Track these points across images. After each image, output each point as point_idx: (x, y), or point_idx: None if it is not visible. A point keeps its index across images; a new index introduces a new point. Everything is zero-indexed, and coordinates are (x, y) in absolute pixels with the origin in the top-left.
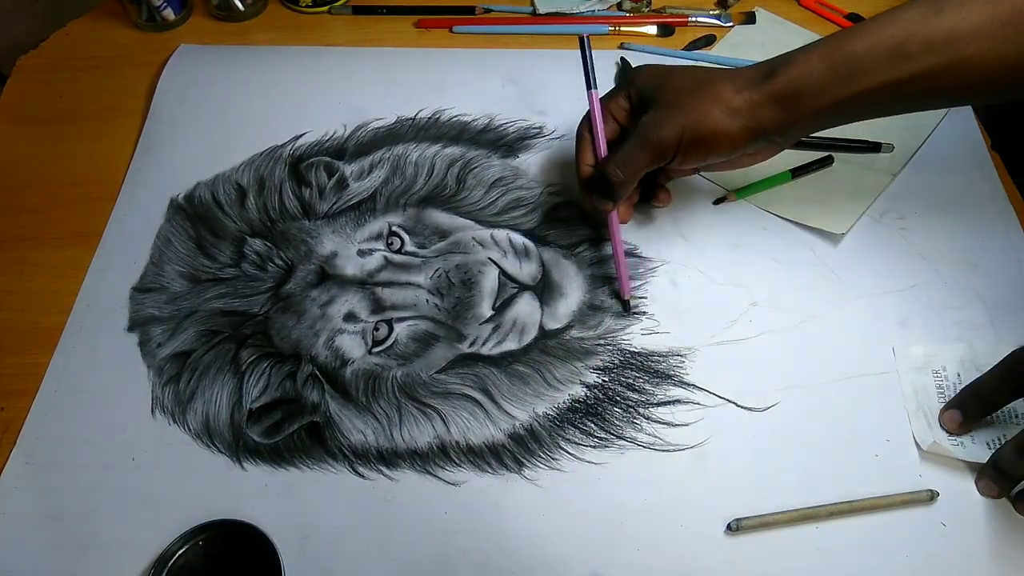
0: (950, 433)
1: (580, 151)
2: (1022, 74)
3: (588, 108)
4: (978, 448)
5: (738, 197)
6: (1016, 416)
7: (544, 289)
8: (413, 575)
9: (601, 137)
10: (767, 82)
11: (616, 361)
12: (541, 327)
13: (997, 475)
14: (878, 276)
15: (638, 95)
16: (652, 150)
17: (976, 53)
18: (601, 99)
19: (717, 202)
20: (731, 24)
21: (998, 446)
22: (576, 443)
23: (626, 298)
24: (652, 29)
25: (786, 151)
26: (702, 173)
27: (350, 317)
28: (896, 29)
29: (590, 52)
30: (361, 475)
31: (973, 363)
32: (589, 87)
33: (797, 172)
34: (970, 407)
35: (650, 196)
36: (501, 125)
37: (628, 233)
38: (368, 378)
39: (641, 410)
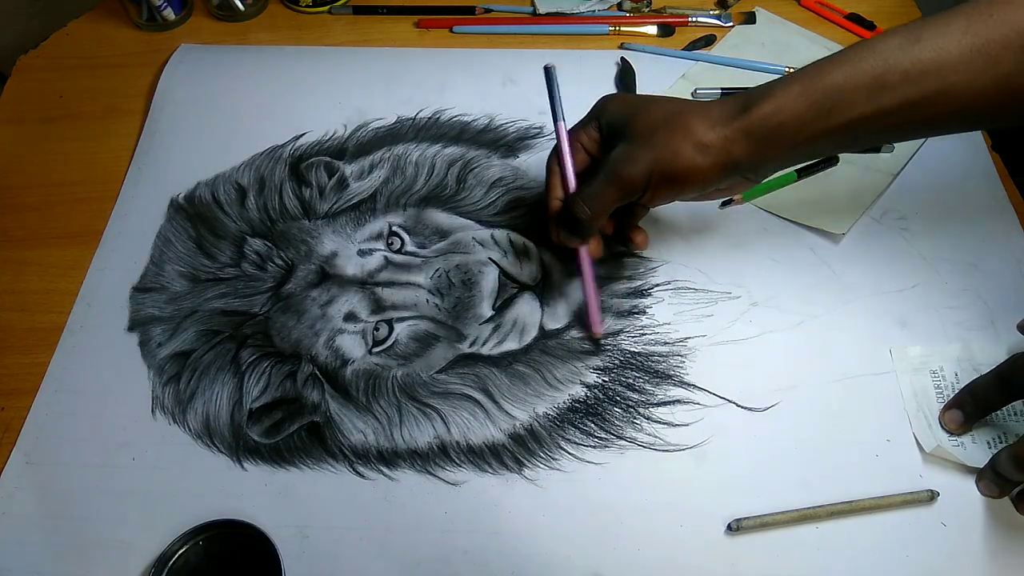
0: (951, 433)
1: (550, 184)
2: (1002, 104)
3: (555, 141)
4: (979, 449)
5: (744, 199)
6: (1016, 414)
7: (544, 289)
8: (413, 575)
9: (570, 171)
10: (742, 117)
11: (616, 361)
12: (541, 327)
13: (996, 477)
14: (878, 276)
15: (608, 126)
16: (620, 186)
17: (956, 83)
18: (570, 130)
19: (724, 205)
20: (731, 24)
21: (999, 445)
22: (576, 443)
23: (597, 336)
24: (652, 29)
25: None
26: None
27: (350, 317)
28: (876, 60)
29: (557, 83)
30: (361, 475)
31: (970, 362)
32: (556, 119)
33: (802, 172)
34: (969, 407)
35: (625, 239)
36: (501, 125)
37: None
38: (368, 378)
39: (641, 410)
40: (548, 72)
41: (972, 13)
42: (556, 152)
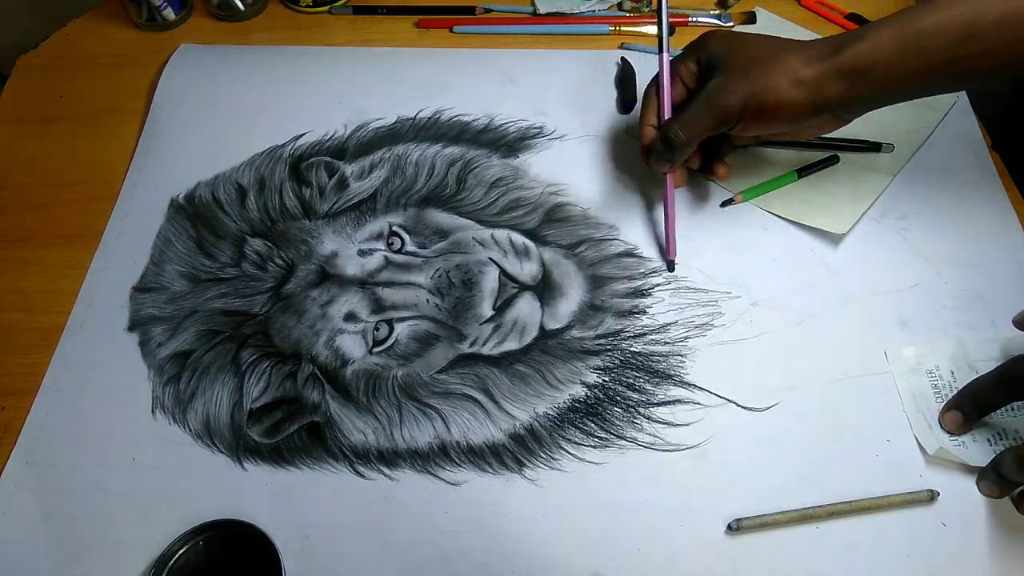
0: (951, 433)
1: (644, 112)
2: None
3: (657, 71)
4: (980, 448)
5: (744, 199)
6: (1014, 409)
7: (545, 289)
8: (413, 575)
9: (667, 99)
10: (836, 55)
11: (616, 361)
12: (542, 327)
13: (997, 477)
14: (878, 276)
15: (707, 60)
16: (716, 115)
17: None
18: (671, 62)
19: (724, 204)
20: (731, 24)
21: (999, 442)
22: (576, 443)
23: (671, 258)
24: (652, 29)
25: (790, 152)
26: (713, 181)
27: (350, 317)
28: (967, 6)
29: (666, 10)
30: (361, 475)
31: (965, 359)
32: (661, 49)
33: (803, 172)
34: (968, 407)
35: (709, 168)
36: (501, 125)
37: (629, 233)
38: (368, 378)
39: (641, 410)
40: (660, 2)
41: None
42: (655, 82)
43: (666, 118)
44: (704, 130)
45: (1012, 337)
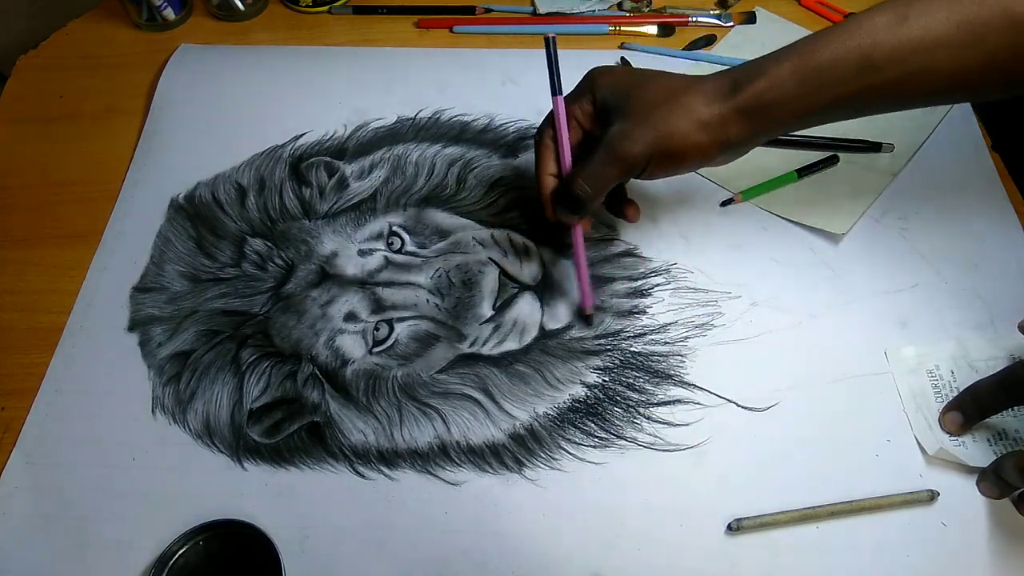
0: (951, 434)
1: (541, 159)
2: (986, 80)
3: (551, 113)
4: (980, 448)
5: (744, 199)
6: (1013, 409)
7: (545, 289)
8: (413, 575)
9: (566, 147)
10: (736, 95)
11: (616, 361)
12: (541, 327)
13: (997, 480)
14: (878, 276)
15: (603, 101)
16: (621, 165)
17: (941, 60)
18: (568, 99)
19: (724, 204)
20: (731, 24)
21: (999, 442)
22: (576, 443)
23: (588, 312)
24: (652, 29)
25: (790, 152)
26: (703, 175)
27: (350, 317)
28: (863, 39)
29: (555, 54)
30: (361, 475)
31: (965, 359)
32: (555, 92)
33: (803, 172)
34: (969, 408)
35: (619, 211)
36: (501, 125)
37: (629, 233)
38: (368, 378)
39: (641, 410)
40: (548, 42)
41: None
42: (550, 126)
43: (567, 167)
44: (610, 182)
45: (1012, 337)
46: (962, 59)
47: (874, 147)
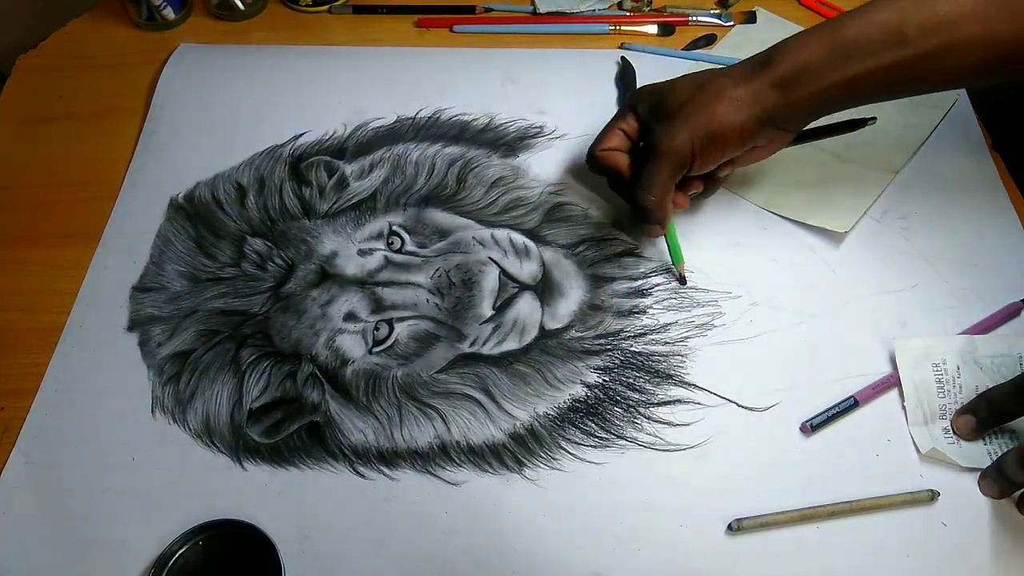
0: (964, 438)
1: (605, 137)
2: (1016, 53)
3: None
4: (975, 449)
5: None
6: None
7: (545, 289)
8: (413, 575)
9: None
10: (765, 69)
11: (617, 361)
12: (542, 327)
13: (1000, 477)
14: (878, 276)
15: (645, 113)
16: (670, 162)
17: (971, 34)
18: (609, 123)
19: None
20: (732, 24)
21: (992, 443)
22: (576, 443)
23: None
24: (652, 28)
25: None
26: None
27: (350, 317)
28: (892, 14)
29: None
30: (361, 475)
31: (972, 355)
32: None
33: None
34: (982, 413)
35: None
36: (501, 125)
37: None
38: (368, 378)
39: (642, 410)
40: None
41: None
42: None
43: (627, 178)
44: (667, 182)
45: (1022, 336)
46: (992, 33)
47: (860, 123)
